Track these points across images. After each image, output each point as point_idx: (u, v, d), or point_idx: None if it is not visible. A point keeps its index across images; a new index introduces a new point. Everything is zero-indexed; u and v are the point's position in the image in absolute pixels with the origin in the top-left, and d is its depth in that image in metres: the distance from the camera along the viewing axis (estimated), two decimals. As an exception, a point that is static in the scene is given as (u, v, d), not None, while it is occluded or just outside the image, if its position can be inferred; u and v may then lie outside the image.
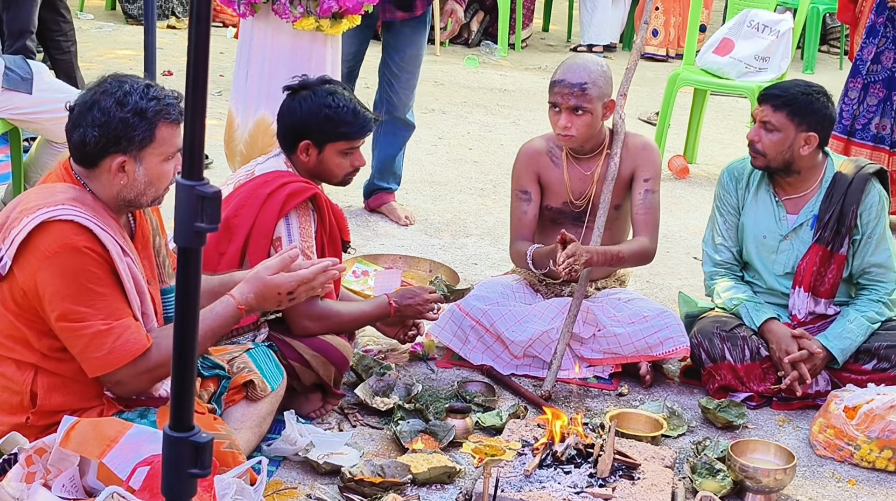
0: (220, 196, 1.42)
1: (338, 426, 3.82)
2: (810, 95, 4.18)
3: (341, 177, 3.90)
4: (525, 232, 4.40)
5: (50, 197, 2.93)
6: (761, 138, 4.21)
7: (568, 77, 4.19)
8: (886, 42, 6.13)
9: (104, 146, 2.94)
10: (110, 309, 2.91)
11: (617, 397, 4.24)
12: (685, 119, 7.75)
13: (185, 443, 1.47)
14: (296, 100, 3.80)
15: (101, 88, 2.97)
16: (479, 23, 11.22)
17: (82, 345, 2.90)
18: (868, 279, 4.30)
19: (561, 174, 4.40)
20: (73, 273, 2.87)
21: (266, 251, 3.68)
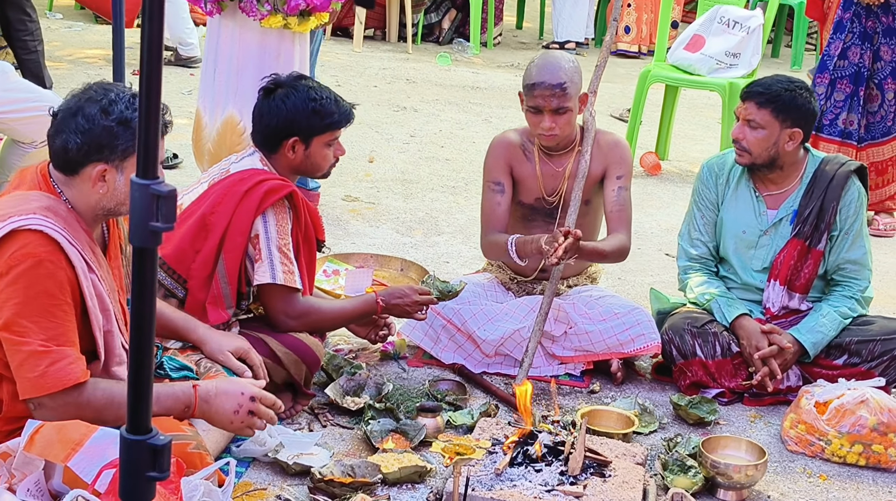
0: (175, 195, 1.39)
1: (308, 426, 3.80)
2: (793, 91, 4.19)
3: (325, 168, 3.92)
4: (498, 224, 4.36)
5: (23, 204, 2.88)
6: (746, 136, 4.21)
7: (547, 79, 4.16)
8: (853, 37, 6.17)
9: (86, 153, 2.90)
10: (55, 333, 2.83)
11: (588, 394, 4.23)
12: (657, 115, 7.76)
13: (142, 446, 1.45)
14: (276, 99, 3.79)
15: (86, 95, 2.93)
16: (450, 21, 11.21)
17: (18, 362, 2.84)
18: (842, 275, 4.31)
19: (533, 169, 4.38)
20: (29, 284, 2.81)
21: (242, 248, 3.67)
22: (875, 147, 6.29)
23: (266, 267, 3.68)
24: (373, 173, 6.71)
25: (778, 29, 12.37)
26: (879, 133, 6.27)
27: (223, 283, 3.69)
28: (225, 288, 3.70)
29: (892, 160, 6.32)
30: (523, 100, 4.26)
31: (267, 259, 3.68)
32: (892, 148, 6.30)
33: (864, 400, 3.87)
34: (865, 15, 6.15)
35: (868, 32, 6.15)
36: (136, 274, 1.42)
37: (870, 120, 6.26)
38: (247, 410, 3.07)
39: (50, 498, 2.88)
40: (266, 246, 3.68)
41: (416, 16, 10.85)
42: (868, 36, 6.15)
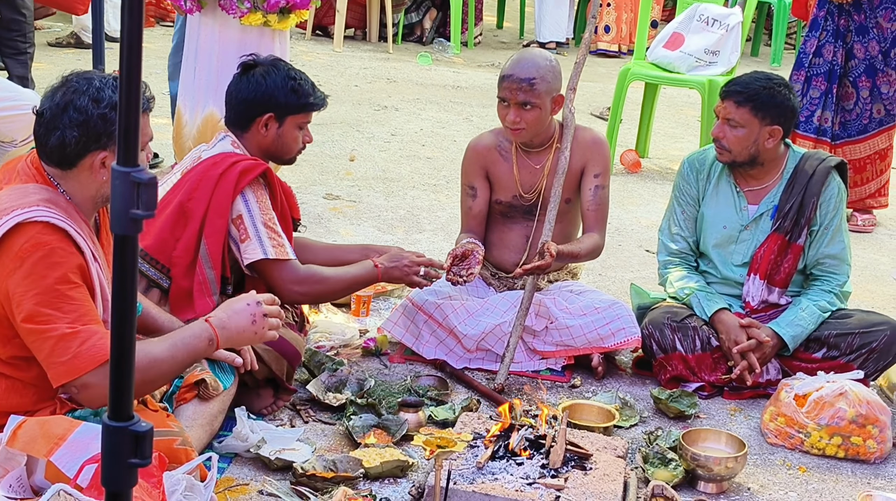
0: (155, 182, 1.41)
1: (289, 422, 3.81)
2: (772, 89, 4.21)
3: (294, 152, 3.95)
4: (471, 225, 4.44)
5: (23, 198, 2.89)
6: (726, 134, 4.23)
7: (516, 72, 4.19)
8: (826, 35, 6.23)
9: (85, 145, 2.91)
10: (78, 313, 2.85)
11: (569, 389, 4.25)
12: (637, 113, 7.79)
13: (124, 433, 1.46)
14: (256, 75, 3.84)
15: (69, 88, 2.93)
16: (431, 20, 11.23)
17: (48, 350, 2.84)
18: (822, 270, 4.34)
19: (510, 168, 4.40)
20: (44, 274, 2.82)
21: (223, 231, 3.68)
22: (852, 145, 6.34)
23: (255, 244, 3.69)
24: (354, 171, 6.72)
25: (757, 27, 12.44)
26: (856, 131, 6.32)
27: (207, 268, 3.70)
28: (209, 272, 3.71)
29: (869, 158, 6.36)
30: None
31: (255, 236, 3.70)
32: (869, 146, 6.35)
33: (843, 392, 3.90)
34: (838, 13, 6.22)
35: (841, 31, 6.21)
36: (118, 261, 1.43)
37: (846, 117, 6.31)
38: (261, 314, 3.16)
39: (32, 494, 2.88)
40: (251, 223, 3.70)
41: (396, 16, 10.87)
42: (841, 34, 6.21)
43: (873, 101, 6.25)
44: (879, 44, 6.17)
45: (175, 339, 3.05)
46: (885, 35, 6.15)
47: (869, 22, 6.16)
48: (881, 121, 6.30)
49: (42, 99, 2.98)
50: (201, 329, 3.09)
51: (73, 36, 9.21)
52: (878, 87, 6.22)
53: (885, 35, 6.15)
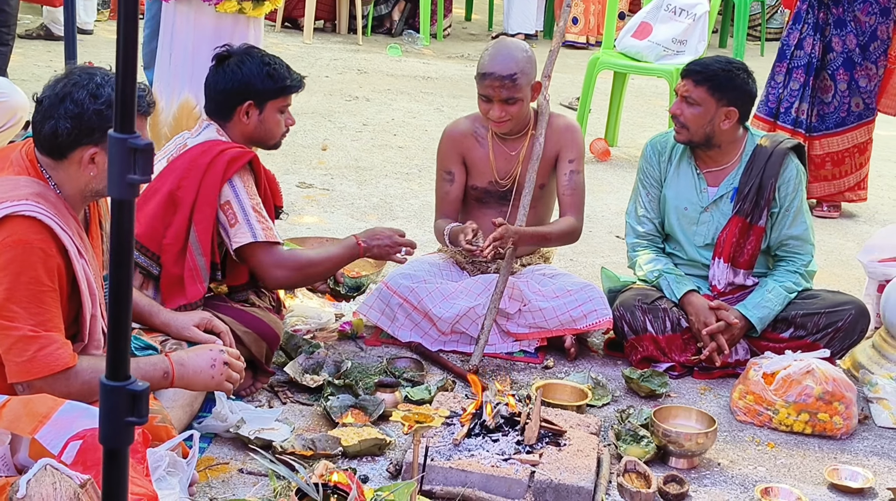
0: (151, 148, 1.46)
1: (268, 403, 3.85)
2: (731, 72, 4.29)
3: (278, 136, 3.99)
4: (447, 209, 4.49)
5: (13, 190, 2.91)
6: (683, 111, 4.31)
7: (497, 69, 4.24)
8: (807, 28, 6.33)
9: (76, 138, 2.94)
10: (43, 318, 2.89)
11: (543, 370, 4.32)
12: (605, 103, 7.88)
13: (121, 392, 1.51)
14: (231, 65, 3.87)
15: (70, 80, 2.96)
16: (400, 12, 11.27)
17: (7, 346, 2.89)
18: (786, 251, 4.43)
19: (486, 154, 4.47)
20: (20, 271, 2.85)
21: (213, 218, 3.72)
22: (829, 137, 6.43)
23: (245, 228, 3.73)
24: (326, 161, 6.77)
25: (724, 20, 12.56)
26: (833, 123, 6.41)
27: (197, 255, 3.74)
28: (199, 259, 3.75)
29: (848, 151, 6.45)
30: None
31: (244, 220, 3.74)
32: (847, 139, 6.45)
33: (810, 370, 3.98)
34: (818, 6, 6.32)
35: (820, 24, 6.30)
36: (115, 226, 1.48)
37: (824, 110, 6.41)
38: (222, 361, 3.18)
39: (15, 472, 2.91)
40: (240, 208, 3.74)
41: (365, 7, 10.91)
42: (820, 27, 6.31)
43: (851, 95, 6.35)
44: (857, 37, 6.26)
45: (132, 365, 3.07)
46: (863, 29, 6.25)
47: (847, 15, 6.25)
48: (860, 115, 6.40)
49: (44, 87, 3.02)
50: (159, 360, 3.15)
51: (43, 28, 9.20)
52: (856, 81, 6.32)
53: (863, 29, 6.25)
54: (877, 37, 6.26)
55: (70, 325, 3.04)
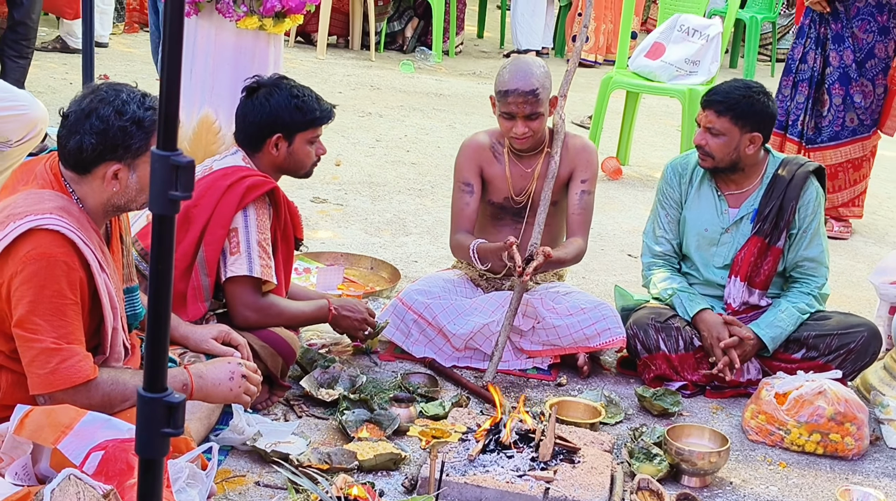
0: (193, 166, 1.49)
1: (284, 416, 3.88)
2: (751, 97, 4.32)
3: (309, 166, 4.01)
4: (466, 223, 4.51)
5: (38, 204, 2.95)
6: (707, 142, 4.35)
7: (520, 86, 4.27)
8: (810, 42, 6.42)
9: (101, 153, 2.98)
10: (65, 331, 2.92)
11: (556, 387, 4.34)
12: (618, 122, 7.91)
13: (158, 403, 1.54)
14: (260, 98, 3.89)
15: (97, 96, 3.00)
16: (413, 29, 11.33)
17: (30, 357, 2.92)
18: (801, 272, 4.46)
19: (503, 170, 4.51)
20: (43, 284, 2.89)
21: (222, 241, 3.75)
22: (823, 150, 6.48)
23: (244, 260, 3.76)
24: (340, 176, 6.81)
25: (735, 41, 12.61)
26: (827, 137, 6.47)
27: (203, 275, 3.78)
28: (204, 279, 3.79)
29: (841, 166, 6.49)
30: (495, 104, 4.38)
31: (245, 252, 3.77)
32: (840, 153, 6.50)
33: (822, 391, 4.00)
34: (820, 21, 6.40)
35: (821, 38, 6.39)
36: (156, 239, 1.52)
37: (820, 123, 6.48)
38: (240, 375, 3.21)
39: (37, 482, 2.94)
40: (245, 239, 3.77)
41: (378, 24, 10.97)
42: (821, 42, 6.40)
43: (846, 110, 6.41)
44: (854, 53, 6.32)
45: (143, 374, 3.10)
46: (860, 45, 6.31)
47: (845, 32, 6.32)
48: (854, 131, 6.44)
49: (70, 102, 3.06)
50: (179, 372, 3.18)
51: (59, 40, 9.26)
52: (851, 96, 6.38)
53: (860, 45, 6.31)
54: (874, 55, 6.34)
55: (91, 338, 3.08)
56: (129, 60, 9.14)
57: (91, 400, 2.97)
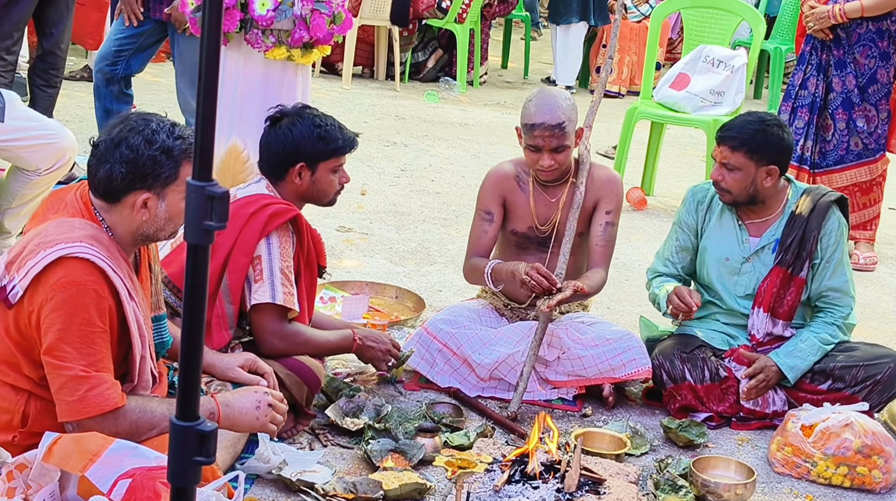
0: (227, 196, 1.51)
1: (309, 445, 3.89)
2: (765, 131, 4.32)
3: (332, 195, 4.03)
4: (482, 250, 4.53)
5: (68, 232, 2.98)
6: (724, 177, 4.35)
7: (546, 120, 4.29)
8: (811, 69, 6.56)
9: (130, 182, 3.01)
10: (94, 358, 2.94)
11: (581, 418, 4.34)
12: (642, 152, 7.92)
13: (190, 432, 1.55)
14: (283, 127, 3.92)
15: (127, 126, 3.03)
16: (437, 60, 11.39)
17: (58, 385, 2.94)
18: (825, 302, 4.44)
19: (527, 199, 4.52)
20: (73, 312, 2.91)
21: (246, 268, 3.77)
22: (829, 174, 6.55)
23: (267, 288, 3.78)
24: (365, 205, 6.84)
25: (759, 72, 12.62)
26: (832, 160, 6.56)
27: (227, 302, 3.80)
28: (228, 307, 3.80)
29: (848, 190, 6.51)
30: (521, 135, 4.40)
31: (268, 279, 3.78)
32: (846, 177, 6.54)
33: (849, 423, 3.99)
34: (821, 48, 6.51)
35: (823, 65, 6.50)
36: (190, 269, 1.53)
37: (825, 148, 6.58)
38: (266, 404, 3.20)
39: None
40: (268, 267, 3.79)
41: (403, 54, 11.03)
42: (823, 68, 6.51)
43: (850, 134, 6.48)
44: (856, 78, 6.41)
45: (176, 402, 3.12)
46: (862, 70, 6.40)
47: (847, 57, 6.42)
48: (859, 155, 6.51)
49: (101, 131, 3.10)
50: (206, 401, 3.17)
51: (87, 69, 9.34)
52: (854, 121, 6.46)
53: (862, 70, 6.40)
54: (876, 80, 6.42)
55: (119, 366, 3.10)
56: (155, 90, 9.21)
57: (119, 427, 2.99)
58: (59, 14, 6.28)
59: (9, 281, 2.97)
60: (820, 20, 6.35)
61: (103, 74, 6.35)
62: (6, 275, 2.99)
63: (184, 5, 4.58)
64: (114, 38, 6.30)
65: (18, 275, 2.95)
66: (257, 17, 4.30)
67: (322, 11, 4.40)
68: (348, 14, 4.58)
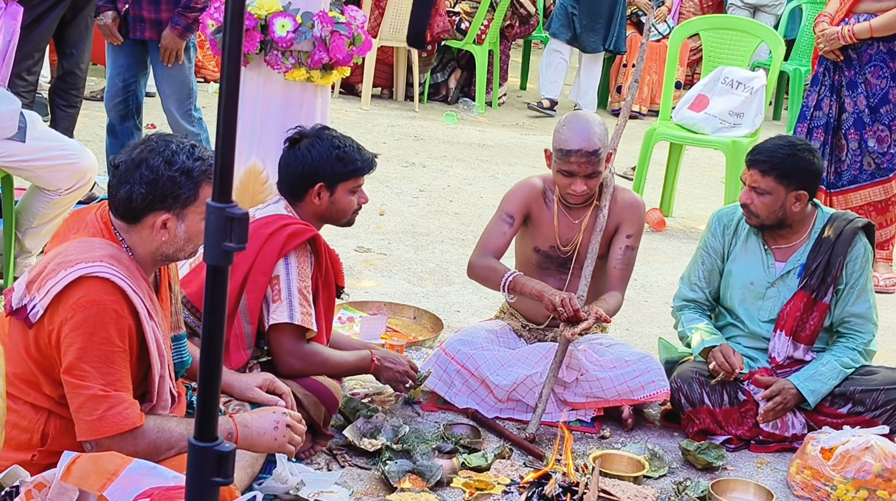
0: (247, 218, 1.51)
1: (326, 466, 3.89)
2: (795, 155, 4.31)
3: (350, 215, 4.05)
4: (494, 251, 4.50)
5: (88, 252, 2.99)
6: (753, 201, 4.34)
7: (584, 146, 4.28)
8: (825, 90, 6.57)
9: (150, 203, 3.02)
10: (114, 378, 2.95)
11: (599, 440, 4.32)
12: (661, 173, 7.91)
13: (209, 452, 1.56)
14: (302, 148, 3.94)
15: (147, 147, 3.05)
16: (456, 80, 11.40)
17: (77, 404, 2.96)
18: (847, 328, 4.42)
19: (551, 218, 4.52)
20: (92, 331, 2.92)
21: (263, 289, 3.78)
22: (845, 194, 6.55)
23: (285, 307, 3.79)
24: (384, 225, 6.85)
25: (778, 93, 12.60)
26: (847, 180, 6.57)
27: (245, 322, 3.81)
28: (246, 327, 3.81)
29: (863, 209, 6.49)
30: (550, 157, 4.39)
31: (286, 299, 3.79)
32: (860, 196, 6.54)
33: (869, 446, 3.96)
34: (833, 69, 6.51)
35: (835, 85, 6.50)
36: (209, 290, 1.54)
37: (840, 167, 6.59)
38: (285, 424, 3.20)
39: (81, 528, 2.96)
40: (286, 287, 3.80)
41: (422, 75, 11.05)
42: (836, 88, 6.51)
43: (862, 154, 6.49)
44: (867, 99, 6.42)
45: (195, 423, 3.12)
46: (873, 90, 6.41)
47: (858, 78, 6.44)
48: (872, 174, 6.50)
49: (121, 152, 3.12)
50: (224, 421, 3.17)
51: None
52: (865, 141, 6.47)
53: (873, 90, 6.41)
54: (888, 100, 6.42)
55: (138, 385, 3.11)
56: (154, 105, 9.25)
57: (137, 447, 2.99)
58: (79, 34, 6.33)
59: (29, 300, 2.98)
60: (830, 41, 6.36)
61: (117, 112, 6.36)
62: (27, 295, 3.00)
63: (203, 27, 4.60)
64: (115, 74, 6.32)
65: (39, 295, 2.96)
66: (277, 39, 4.32)
67: (342, 33, 4.42)
68: (368, 36, 4.60)
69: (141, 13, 6.06)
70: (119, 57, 6.23)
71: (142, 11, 6.07)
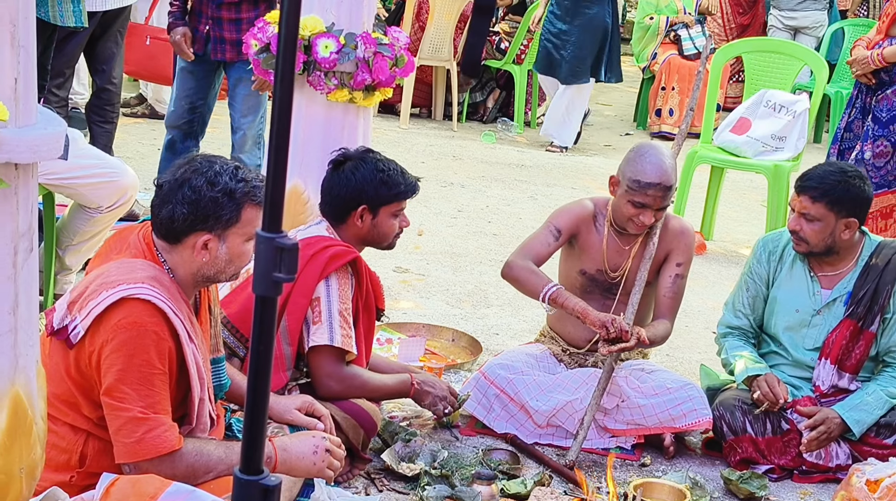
0: (297, 248, 1.49)
1: (364, 490, 3.86)
2: (846, 182, 4.25)
3: (391, 238, 4.02)
4: (536, 259, 4.43)
5: (130, 273, 2.98)
6: (802, 227, 4.29)
7: (662, 180, 4.25)
8: (856, 112, 6.57)
9: (192, 223, 3.01)
10: (153, 400, 2.94)
11: (640, 467, 4.28)
12: (702, 196, 7.85)
13: (255, 486, 1.53)
14: (346, 171, 3.93)
15: (191, 167, 3.05)
16: (495, 100, 11.39)
17: (117, 426, 2.95)
18: (893, 357, 4.35)
19: (601, 242, 4.48)
20: (133, 353, 2.91)
21: (304, 310, 3.76)
22: None
23: (325, 330, 3.77)
24: (422, 246, 6.83)
25: (819, 115, 12.50)
26: None
27: (285, 344, 3.79)
28: (286, 348, 3.80)
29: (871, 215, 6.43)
30: (617, 184, 4.35)
31: (327, 321, 3.77)
32: None
33: (916, 479, 3.89)
34: (866, 92, 6.52)
35: (867, 108, 6.53)
36: (258, 320, 1.52)
37: None
38: (324, 449, 3.17)
39: (119, 551, 2.94)
40: (327, 309, 3.78)
41: (461, 95, 11.04)
42: (867, 111, 6.51)
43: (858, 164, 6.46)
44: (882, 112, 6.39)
45: (234, 447, 3.10)
46: (890, 105, 6.42)
47: None
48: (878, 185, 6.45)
49: (165, 172, 3.11)
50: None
51: (148, 107, 9.43)
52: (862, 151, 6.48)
53: (890, 105, 6.42)
54: None
55: (178, 408, 3.10)
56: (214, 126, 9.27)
57: (175, 470, 2.98)
58: (110, 51, 6.36)
59: (70, 320, 2.98)
60: (862, 65, 6.35)
61: (181, 130, 6.22)
62: (68, 315, 2.99)
63: (247, 47, 4.59)
64: (182, 96, 6.19)
65: (80, 315, 2.96)
66: (320, 60, 4.31)
67: (385, 54, 4.40)
68: (410, 57, 4.58)
69: (222, 34, 5.95)
70: (188, 80, 6.10)
71: (223, 32, 5.95)
